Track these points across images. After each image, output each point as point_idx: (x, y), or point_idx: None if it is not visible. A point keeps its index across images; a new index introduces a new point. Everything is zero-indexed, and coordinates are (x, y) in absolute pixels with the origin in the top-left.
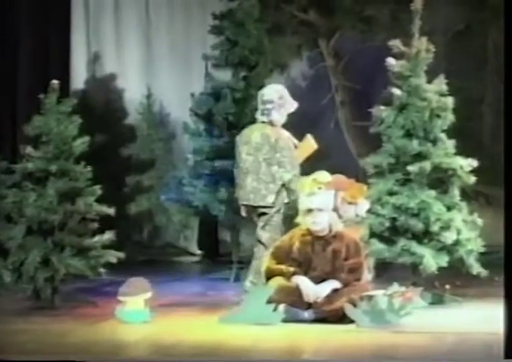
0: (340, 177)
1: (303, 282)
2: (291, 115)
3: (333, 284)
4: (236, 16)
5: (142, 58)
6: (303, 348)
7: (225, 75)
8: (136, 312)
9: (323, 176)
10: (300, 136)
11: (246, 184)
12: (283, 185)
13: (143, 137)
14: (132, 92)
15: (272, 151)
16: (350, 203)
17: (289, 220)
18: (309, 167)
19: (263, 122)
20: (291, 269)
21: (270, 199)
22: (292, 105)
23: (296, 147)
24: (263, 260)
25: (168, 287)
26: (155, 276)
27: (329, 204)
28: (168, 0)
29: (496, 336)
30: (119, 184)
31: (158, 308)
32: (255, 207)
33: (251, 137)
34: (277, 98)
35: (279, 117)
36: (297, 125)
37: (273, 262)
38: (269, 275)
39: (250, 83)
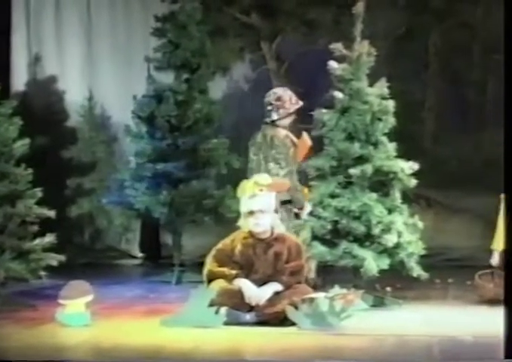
0: (282, 179)
1: (244, 285)
2: (234, 118)
3: (275, 287)
4: (178, 19)
5: (83, 60)
6: (245, 350)
7: (167, 78)
8: (77, 315)
9: (264, 178)
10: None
11: None
12: None
13: (84, 140)
14: (73, 94)
15: (268, 149)
16: None
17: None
18: None
19: (266, 123)
20: (233, 272)
21: None
22: (293, 106)
23: (296, 145)
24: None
25: (110, 290)
26: (97, 279)
27: (271, 206)
28: (110, 1)
29: (436, 338)
30: (60, 186)
31: (99, 311)
32: None
33: (256, 139)
34: (274, 100)
35: (279, 117)
36: (241, 128)
37: (215, 265)
38: (211, 278)
39: (192, 85)
